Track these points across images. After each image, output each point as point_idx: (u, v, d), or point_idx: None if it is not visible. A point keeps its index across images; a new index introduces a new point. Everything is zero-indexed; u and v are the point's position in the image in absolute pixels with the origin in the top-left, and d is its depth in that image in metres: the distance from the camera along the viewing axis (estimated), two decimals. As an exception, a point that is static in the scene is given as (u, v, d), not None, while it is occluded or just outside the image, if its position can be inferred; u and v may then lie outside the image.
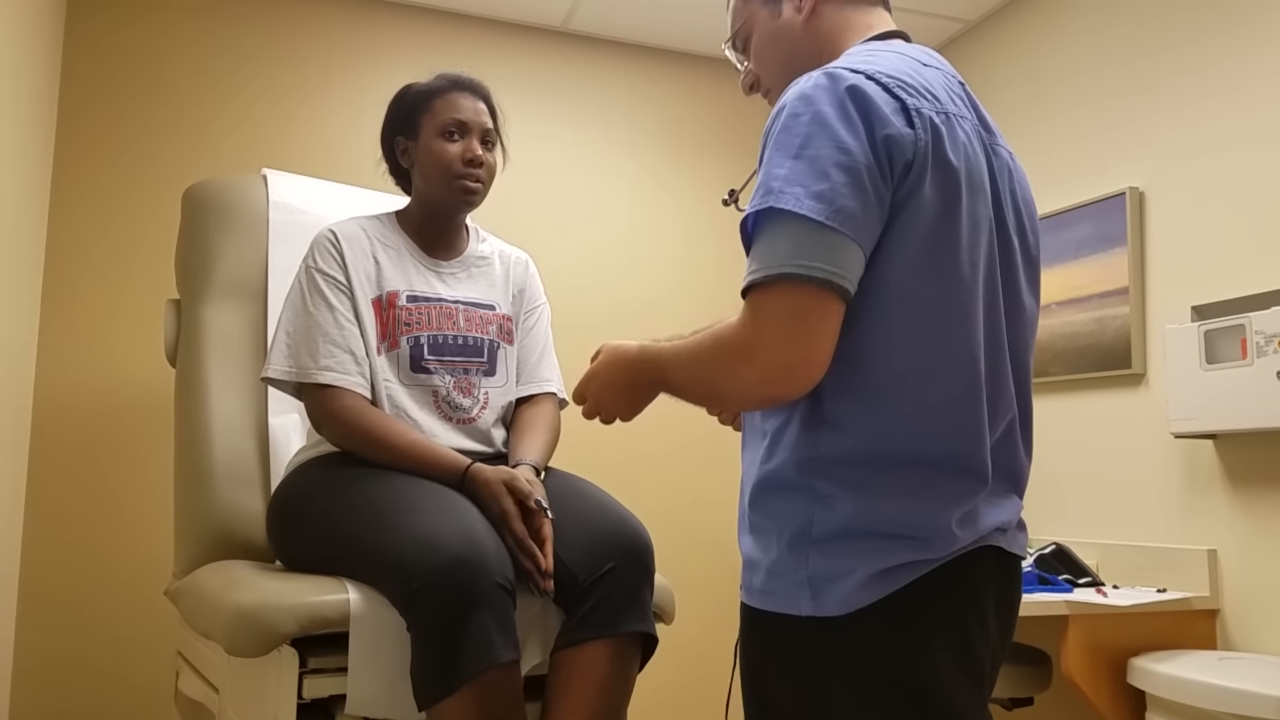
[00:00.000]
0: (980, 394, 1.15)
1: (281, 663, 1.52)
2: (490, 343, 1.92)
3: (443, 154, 1.88)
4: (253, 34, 3.11)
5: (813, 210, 1.04)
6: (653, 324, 3.43)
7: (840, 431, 1.13)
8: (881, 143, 1.08)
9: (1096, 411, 2.79)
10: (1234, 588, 2.39)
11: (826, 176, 1.05)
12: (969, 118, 1.21)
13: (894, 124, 1.09)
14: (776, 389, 1.08)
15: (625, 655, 1.63)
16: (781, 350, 1.05)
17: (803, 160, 1.07)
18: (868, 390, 1.12)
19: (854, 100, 1.09)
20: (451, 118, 1.89)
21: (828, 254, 1.04)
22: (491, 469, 1.68)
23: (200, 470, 2.04)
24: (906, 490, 1.12)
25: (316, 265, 1.84)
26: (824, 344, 1.06)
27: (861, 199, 1.06)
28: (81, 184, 2.88)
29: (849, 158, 1.06)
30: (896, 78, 1.14)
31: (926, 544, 1.12)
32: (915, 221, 1.10)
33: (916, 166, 1.09)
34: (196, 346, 2.15)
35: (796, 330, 1.05)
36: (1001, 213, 1.23)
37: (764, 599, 1.18)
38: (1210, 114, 2.52)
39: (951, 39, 3.47)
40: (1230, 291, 2.43)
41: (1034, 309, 1.29)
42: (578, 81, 3.48)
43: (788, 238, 1.05)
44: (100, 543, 2.79)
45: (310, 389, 1.77)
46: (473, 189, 1.90)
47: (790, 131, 1.10)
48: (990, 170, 1.22)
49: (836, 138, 1.07)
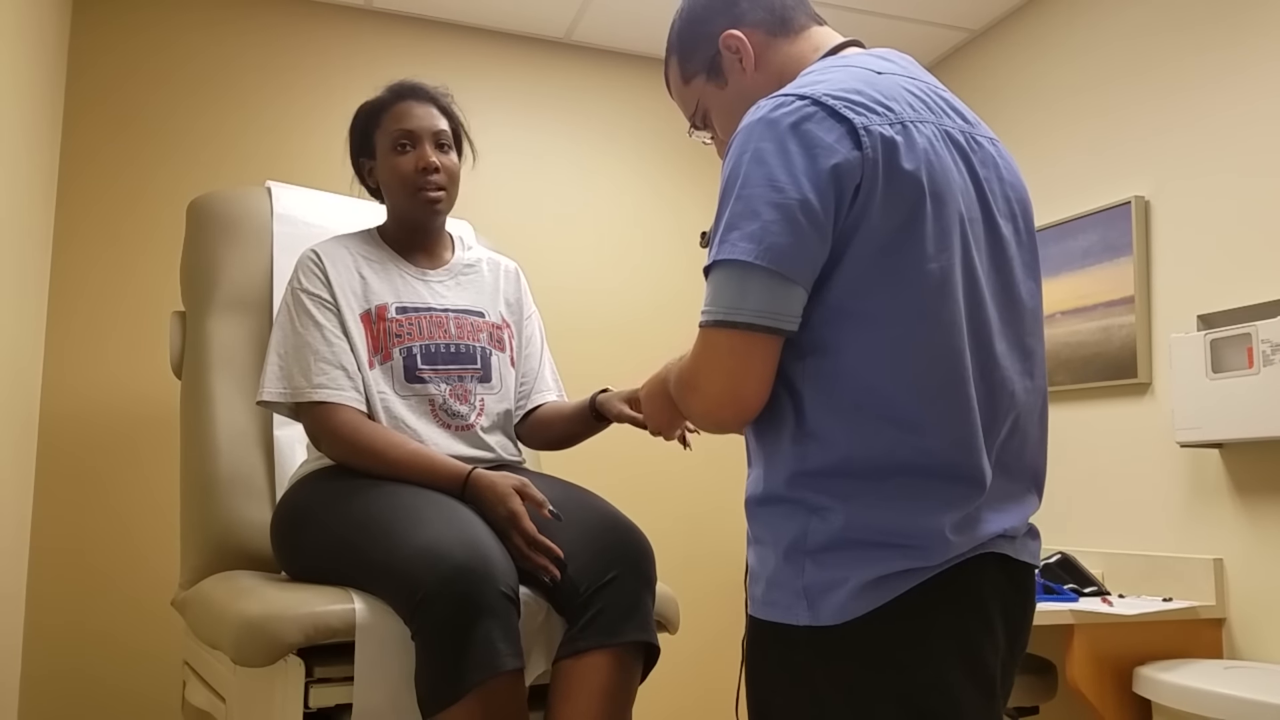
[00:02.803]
0: (967, 398, 1.15)
1: (288, 673, 1.52)
2: (482, 349, 1.93)
3: (398, 168, 1.89)
4: (257, 47, 3.12)
5: (744, 253, 1.10)
6: (653, 335, 3.44)
7: (825, 445, 1.14)
8: (829, 174, 1.10)
9: (1102, 421, 2.79)
10: (1240, 597, 2.38)
11: (758, 216, 1.11)
12: (931, 120, 1.20)
13: (839, 151, 1.11)
14: (718, 418, 1.18)
15: (627, 665, 1.63)
16: (715, 386, 1.15)
17: (740, 202, 1.13)
18: (845, 404, 1.13)
19: (795, 136, 1.12)
20: (399, 129, 1.89)
21: (757, 296, 1.11)
22: (496, 474, 1.69)
23: (206, 481, 2.04)
24: (897, 498, 1.12)
25: (301, 285, 1.85)
26: (751, 380, 1.14)
27: (793, 233, 1.09)
28: (86, 196, 2.89)
29: (780, 195, 1.10)
30: (845, 97, 1.15)
31: (919, 551, 1.11)
32: (871, 238, 1.12)
33: (866, 185, 1.11)
34: (202, 358, 2.16)
35: (724, 370, 1.14)
36: (988, 203, 1.22)
37: (765, 609, 1.19)
38: (1216, 123, 2.53)
39: (956, 48, 3.48)
40: (1236, 300, 2.43)
41: (1034, 294, 1.28)
42: (581, 93, 3.50)
43: (723, 285, 1.13)
44: (106, 554, 2.80)
45: (306, 408, 1.78)
46: (434, 197, 1.90)
47: (732, 175, 1.16)
48: (968, 165, 1.21)
49: (770, 176, 1.11)
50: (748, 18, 1.36)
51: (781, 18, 1.36)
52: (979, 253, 1.19)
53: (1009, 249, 1.24)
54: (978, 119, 1.31)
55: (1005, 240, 1.24)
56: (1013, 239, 1.25)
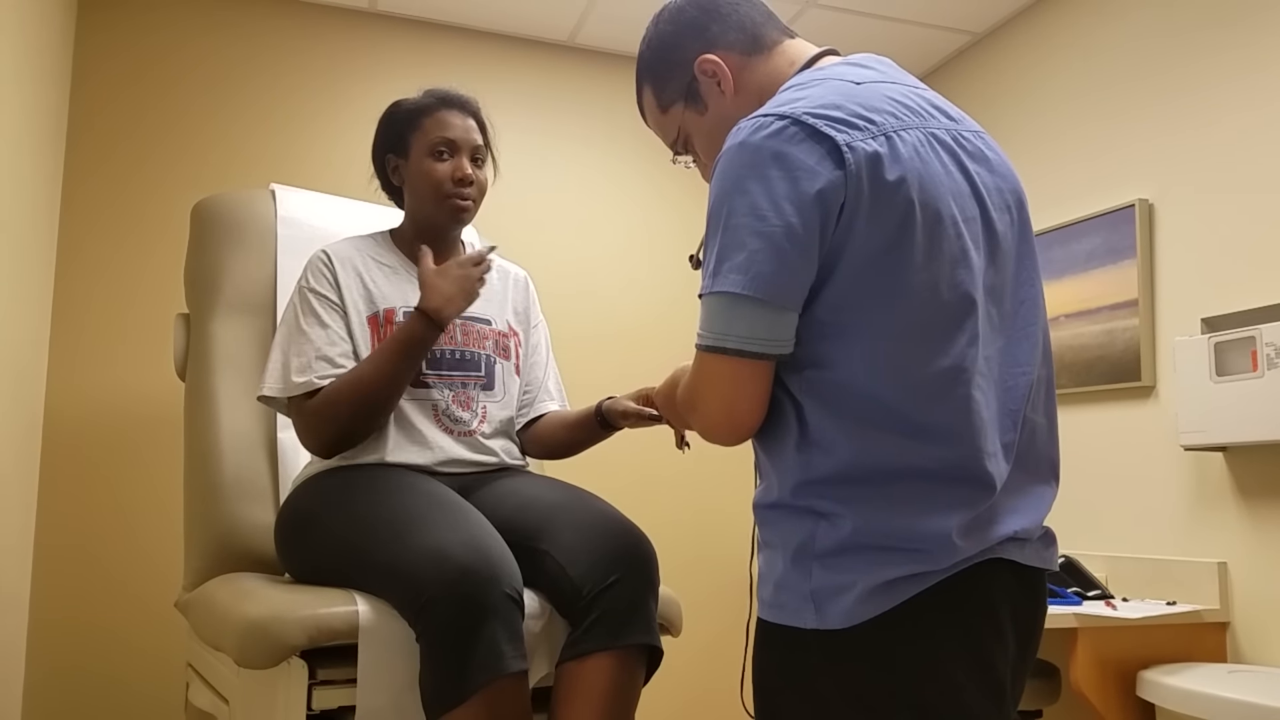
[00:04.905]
0: (970, 400, 1.14)
1: (291, 674, 1.52)
2: (487, 358, 1.93)
3: (433, 173, 1.89)
4: (261, 50, 3.13)
5: (733, 285, 1.12)
6: (656, 338, 3.44)
7: (829, 453, 1.14)
8: (813, 198, 1.10)
9: (1106, 424, 2.79)
10: (1244, 600, 2.38)
11: (744, 246, 1.12)
12: (915, 125, 1.19)
13: (821, 174, 1.10)
14: (717, 436, 1.21)
15: (630, 667, 1.63)
16: (711, 408, 1.19)
17: (727, 233, 1.14)
18: (846, 415, 1.14)
19: (776, 161, 1.12)
20: (441, 136, 1.89)
21: (747, 324, 1.12)
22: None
23: (210, 483, 2.05)
24: (903, 502, 1.12)
25: (310, 285, 1.86)
26: (744, 402, 1.17)
27: (779, 260, 1.10)
28: (91, 199, 2.90)
29: (764, 223, 1.11)
30: (825, 114, 1.14)
31: (926, 555, 1.11)
32: (861, 252, 1.12)
33: (851, 203, 1.11)
34: (206, 360, 2.17)
35: (718, 393, 1.17)
36: (983, 199, 1.21)
37: (773, 612, 1.19)
38: (1220, 126, 2.53)
39: (959, 51, 3.48)
40: (1240, 303, 2.43)
41: (1033, 284, 1.27)
42: (585, 96, 3.50)
43: (714, 313, 1.15)
44: (110, 555, 2.81)
45: (294, 403, 1.79)
46: (463, 207, 1.91)
47: (716, 205, 1.16)
48: (958, 165, 1.21)
49: (753, 205, 1.12)
50: (721, 41, 1.35)
51: (754, 36, 1.35)
52: (977, 251, 1.19)
53: (1005, 243, 1.24)
54: (963, 114, 1.30)
55: (1002, 235, 1.23)
56: (1009, 232, 1.25)
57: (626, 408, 1.84)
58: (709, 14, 1.36)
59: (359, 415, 1.74)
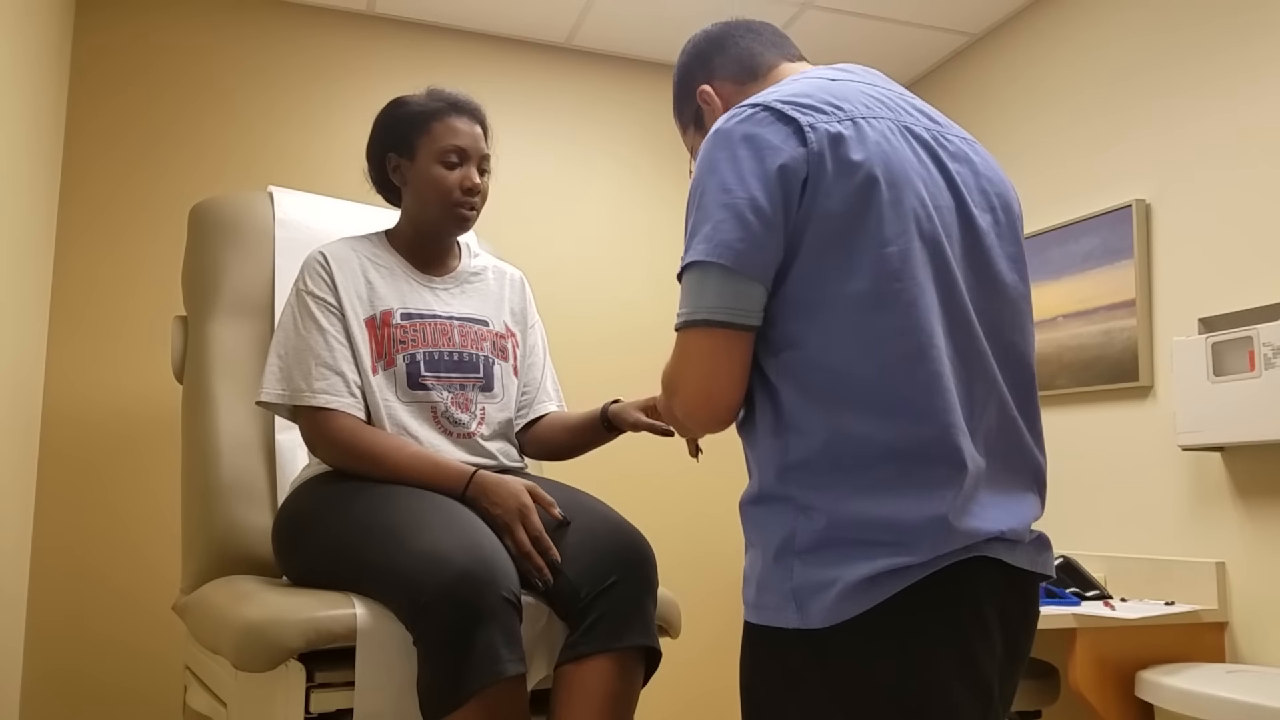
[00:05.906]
0: (939, 377, 1.15)
1: (288, 678, 1.52)
2: (485, 359, 1.93)
3: (442, 181, 1.88)
4: (258, 52, 3.13)
5: (700, 254, 1.17)
6: (653, 340, 3.44)
7: (804, 435, 1.16)
8: (776, 173, 1.16)
9: (1104, 424, 2.79)
10: (1242, 600, 2.38)
11: (710, 218, 1.18)
12: (888, 116, 1.24)
13: (784, 151, 1.17)
14: (698, 419, 1.23)
15: (629, 669, 1.63)
16: (689, 387, 1.21)
17: (699, 211, 1.20)
18: (819, 394, 1.16)
19: (745, 142, 1.19)
20: (451, 144, 1.88)
21: (714, 294, 1.17)
22: (501, 476, 1.71)
23: (207, 486, 2.05)
24: (878, 487, 1.13)
25: (307, 288, 1.85)
26: (721, 377, 1.20)
27: (742, 229, 1.16)
28: (89, 201, 2.90)
29: (729, 196, 1.17)
30: (794, 100, 1.21)
31: (904, 547, 1.11)
32: (825, 228, 1.16)
33: (813, 179, 1.17)
34: (203, 363, 2.16)
35: (695, 369, 1.20)
36: (960, 193, 1.25)
37: (757, 612, 1.19)
38: (1217, 126, 2.53)
39: (956, 52, 3.48)
40: (1238, 303, 2.43)
41: (1018, 284, 1.29)
42: (582, 98, 3.50)
43: (687, 289, 1.20)
44: (108, 557, 2.80)
45: (305, 412, 1.78)
46: (468, 216, 1.91)
47: (693, 188, 1.23)
48: (934, 158, 1.25)
49: (721, 182, 1.19)
50: (720, 71, 1.46)
51: (749, 67, 1.45)
52: (950, 240, 1.22)
53: (987, 238, 1.26)
54: (949, 121, 1.35)
55: (983, 230, 1.26)
56: (991, 230, 1.27)
57: (638, 419, 1.86)
58: (715, 45, 1.48)
59: (360, 471, 1.75)
